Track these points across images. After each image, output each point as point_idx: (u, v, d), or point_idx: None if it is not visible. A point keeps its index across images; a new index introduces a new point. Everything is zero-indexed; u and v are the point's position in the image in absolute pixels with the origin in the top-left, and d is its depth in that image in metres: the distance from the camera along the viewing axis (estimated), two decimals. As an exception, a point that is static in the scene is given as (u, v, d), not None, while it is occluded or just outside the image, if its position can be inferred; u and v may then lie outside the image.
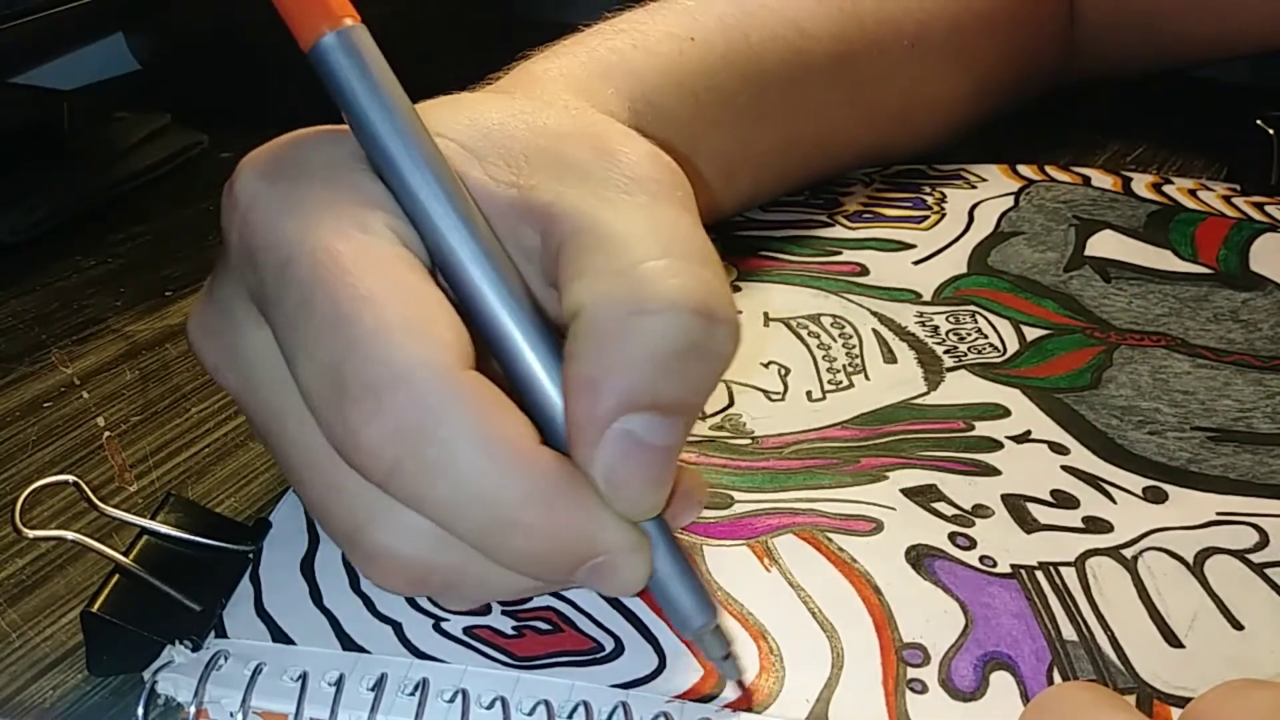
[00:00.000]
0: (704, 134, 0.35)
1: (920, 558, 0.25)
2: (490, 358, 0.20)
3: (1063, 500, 0.27)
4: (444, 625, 0.23)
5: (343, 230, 0.19)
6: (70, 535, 0.24)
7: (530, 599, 0.24)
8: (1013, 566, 0.25)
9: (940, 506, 0.27)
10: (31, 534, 0.23)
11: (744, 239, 0.40)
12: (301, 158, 0.21)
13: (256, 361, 0.21)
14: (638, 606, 0.24)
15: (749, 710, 0.21)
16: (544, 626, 0.23)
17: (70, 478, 0.25)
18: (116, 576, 0.23)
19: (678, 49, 0.34)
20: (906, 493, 0.27)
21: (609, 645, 0.23)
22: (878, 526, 0.26)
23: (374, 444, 0.18)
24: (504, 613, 0.24)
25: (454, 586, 0.21)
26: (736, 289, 0.36)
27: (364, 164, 0.21)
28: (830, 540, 0.26)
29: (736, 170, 0.37)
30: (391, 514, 0.19)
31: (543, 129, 0.23)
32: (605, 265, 0.19)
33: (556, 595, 0.24)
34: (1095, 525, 0.26)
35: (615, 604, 0.24)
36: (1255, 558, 0.25)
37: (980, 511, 0.26)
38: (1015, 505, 0.27)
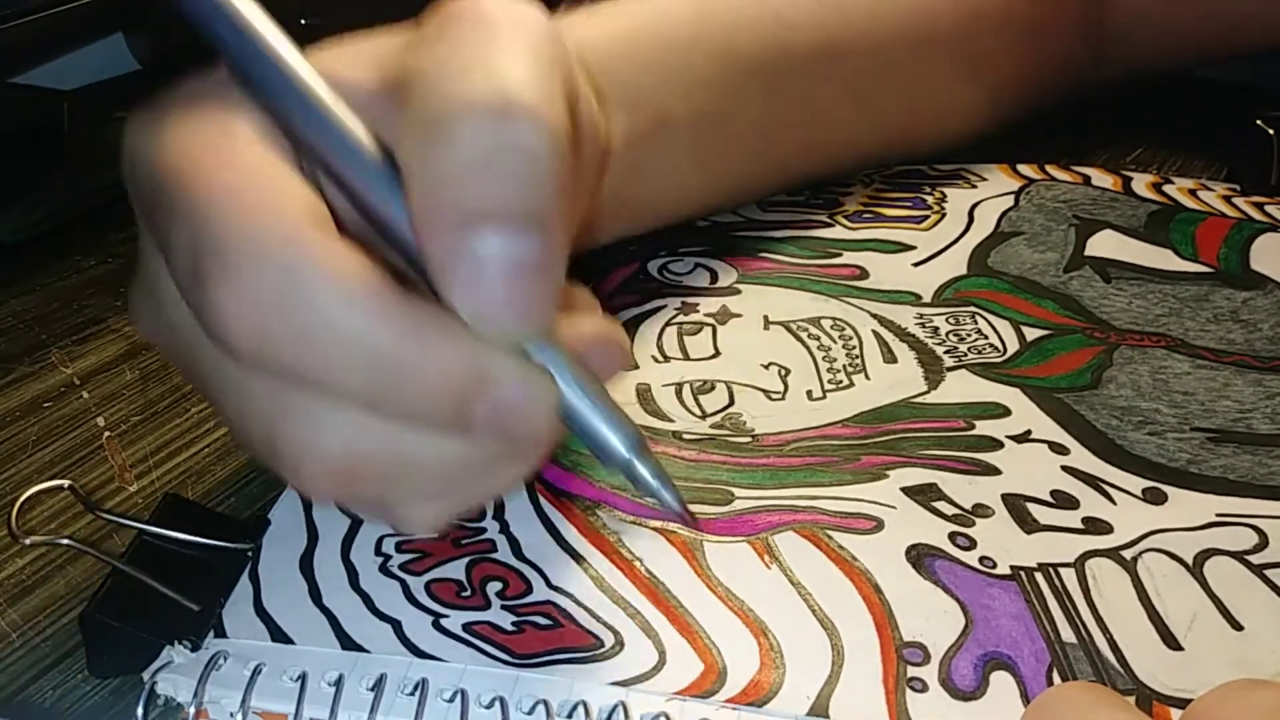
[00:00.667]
0: (672, 105, 0.34)
1: (920, 557, 0.25)
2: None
3: (1063, 501, 0.27)
4: (443, 622, 0.23)
5: (205, 139, 0.20)
6: (65, 540, 0.24)
7: (530, 594, 0.24)
8: (1012, 568, 0.25)
9: (941, 506, 0.27)
10: (28, 540, 0.23)
11: (744, 239, 0.40)
12: (170, 99, 0.21)
13: (168, 303, 0.21)
14: (638, 601, 0.24)
15: (750, 705, 0.21)
16: (543, 622, 0.23)
17: (66, 482, 0.25)
18: (115, 577, 0.23)
19: (638, 22, 0.34)
20: (907, 491, 0.27)
21: (609, 641, 0.23)
22: (878, 525, 0.26)
23: (238, 314, 0.18)
24: (504, 607, 0.24)
25: (388, 483, 0.20)
26: (736, 290, 0.36)
27: (228, 84, 0.21)
28: (831, 538, 0.26)
29: (710, 150, 0.37)
30: (300, 407, 0.19)
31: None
32: (417, 108, 0.20)
33: (556, 589, 0.24)
34: (1095, 526, 0.26)
35: (615, 598, 0.24)
36: (1255, 559, 0.25)
37: (980, 511, 0.26)
38: (1015, 505, 0.27)
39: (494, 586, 0.24)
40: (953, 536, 0.26)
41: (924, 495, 0.27)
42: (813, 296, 0.36)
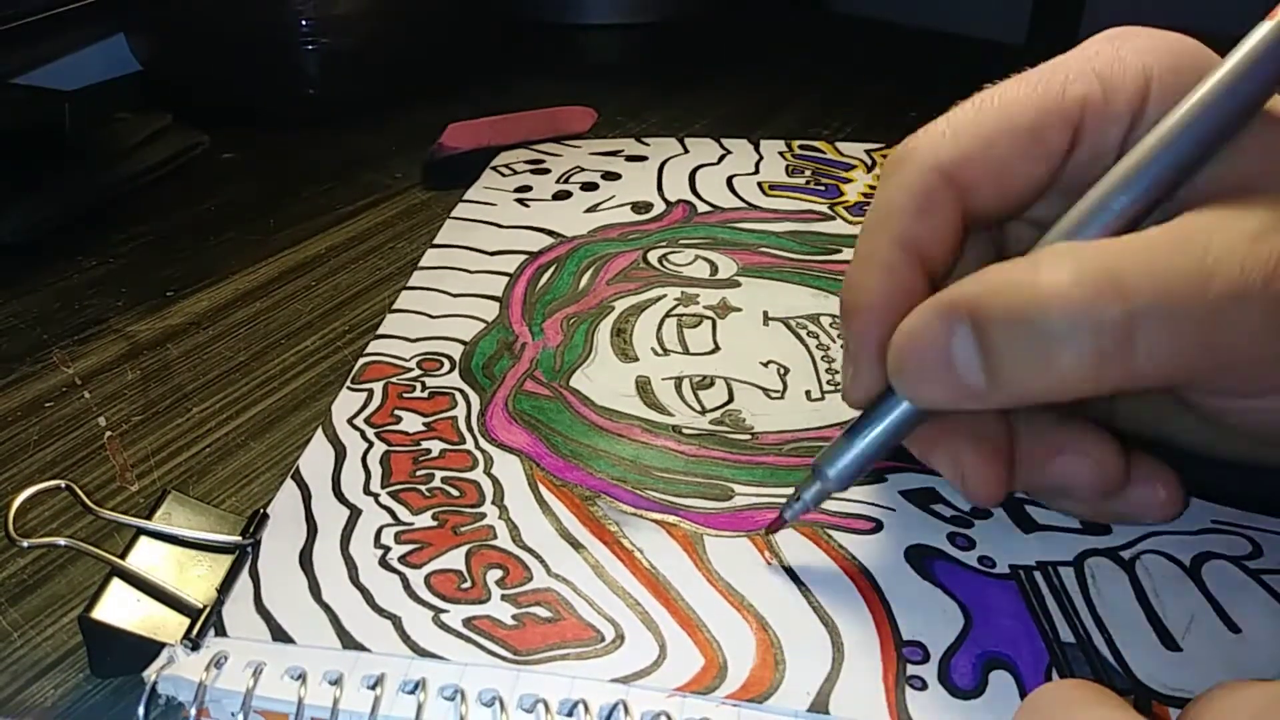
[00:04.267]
0: None
1: (920, 557, 0.25)
2: None
3: (1061, 500, 0.27)
4: (443, 618, 0.23)
5: None
6: (64, 541, 0.24)
7: (530, 581, 0.24)
8: (1011, 567, 0.25)
9: (939, 508, 0.27)
10: (26, 542, 0.23)
11: (743, 231, 0.40)
12: None
13: None
14: (639, 592, 0.24)
15: (750, 702, 0.21)
16: (544, 614, 0.23)
17: (63, 482, 0.25)
18: (115, 577, 0.23)
19: None
20: (905, 494, 0.27)
21: (609, 634, 0.23)
22: (877, 526, 0.26)
23: None
24: (504, 598, 0.24)
25: None
26: (736, 283, 0.37)
27: None
28: (831, 537, 0.26)
29: None
30: None
31: None
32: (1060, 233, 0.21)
33: (557, 577, 0.24)
34: (1093, 526, 0.26)
35: (616, 588, 0.24)
36: (1250, 565, 0.25)
37: (979, 513, 0.26)
38: (1014, 507, 0.27)
39: (494, 575, 0.24)
40: (951, 537, 0.26)
41: (922, 498, 0.27)
42: (813, 293, 0.36)
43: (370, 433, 0.29)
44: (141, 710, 0.21)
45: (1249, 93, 0.21)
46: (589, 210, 0.42)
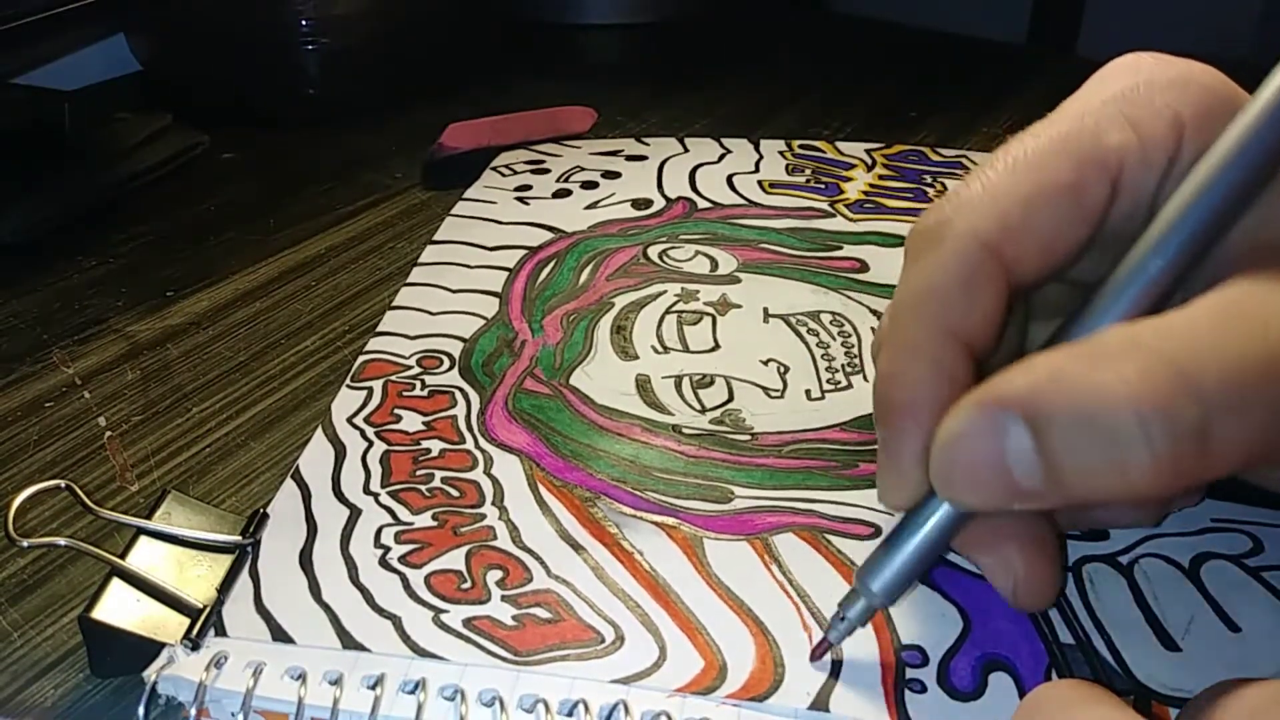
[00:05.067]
0: None
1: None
2: None
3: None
4: (443, 618, 0.23)
5: None
6: (64, 541, 0.24)
7: (530, 582, 0.24)
8: (1011, 567, 0.25)
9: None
10: (25, 542, 0.24)
11: (744, 227, 0.40)
12: None
13: None
14: (639, 594, 0.24)
15: (750, 702, 0.21)
16: (544, 615, 0.23)
17: (63, 482, 0.25)
18: (115, 578, 0.23)
19: None
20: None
21: (609, 635, 0.23)
22: (876, 531, 0.26)
23: None
24: (504, 598, 0.24)
25: None
26: (737, 279, 0.37)
27: None
28: (829, 542, 0.26)
29: None
30: None
31: None
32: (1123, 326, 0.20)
33: (557, 579, 0.24)
34: (1091, 533, 0.26)
35: (616, 590, 0.24)
36: (1250, 562, 0.25)
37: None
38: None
39: (494, 575, 0.24)
40: (941, 557, 0.26)
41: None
42: (813, 289, 0.36)
43: (370, 432, 0.29)
44: (141, 710, 0.21)
45: (1273, 143, 0.20)
46: (589, 207, 0.42)
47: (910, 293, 0.22)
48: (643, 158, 0.46)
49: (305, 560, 0.25)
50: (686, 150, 0.47)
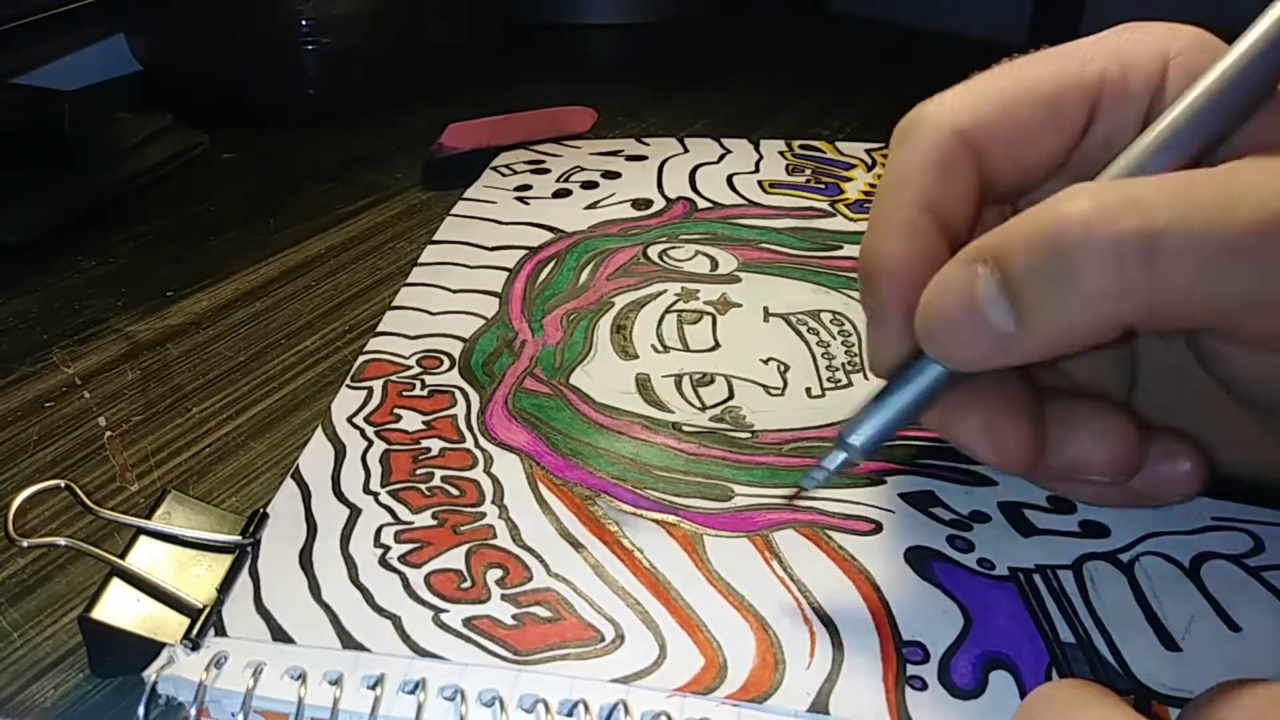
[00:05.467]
0: None
1: (919, 559, 0.25)
2: None
3: (1059, 505, 0.27)
4: (443, 618, 0.23)
5: None
6: (64, 541, 0.24)
7: (530, 581, 0.24)
8: (1010, 569, 0.25)
9: (938, 511, 0.27)
10: (25, 542, 0.23)
11: (744, 227, 0.40)
12: None
13: None
14: (639, 592, 0.24)
15: (750, 702, 0.21)
16: (544, 614, 0.23)
17: (62, 482, 0.25)
18: (115, 578, 0.23)
19: None
20: (904, 497, 0.27)
21: (609, 634, 0.23)
22: (877, 527, 0.26)
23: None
24: (504, 597, 0.24)
25: None
26: (737, 279, 0.37)
27: None
28: (830, 538, 0.26)
29: None
30: None
31: None
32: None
33: (557, 577, 0.24)
34: (1092, 530, 0.26)
35: (616, 588, 0.24)
36: (1251, 562, 0.25)
37: (978, 517, 0.26)
38: (1012, 511, 0.27)
39: (494, 574, 0.24)
40: (951, 540, 0.26)
41: (922, 501, 0.27)
42: (813, 288, 0.36)
43: (370, 431, 0.29)
44: (141, 710, 0.21)
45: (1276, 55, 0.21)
46: (589, 207, 0.42)
47: (889, 176, 0.24)
48: (643, 158, 0.46)
49: (305, 560, 0.25)
50: (686, 150, 0.47)
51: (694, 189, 0.43)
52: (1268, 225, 0.18)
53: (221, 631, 0.23)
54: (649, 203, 0.42)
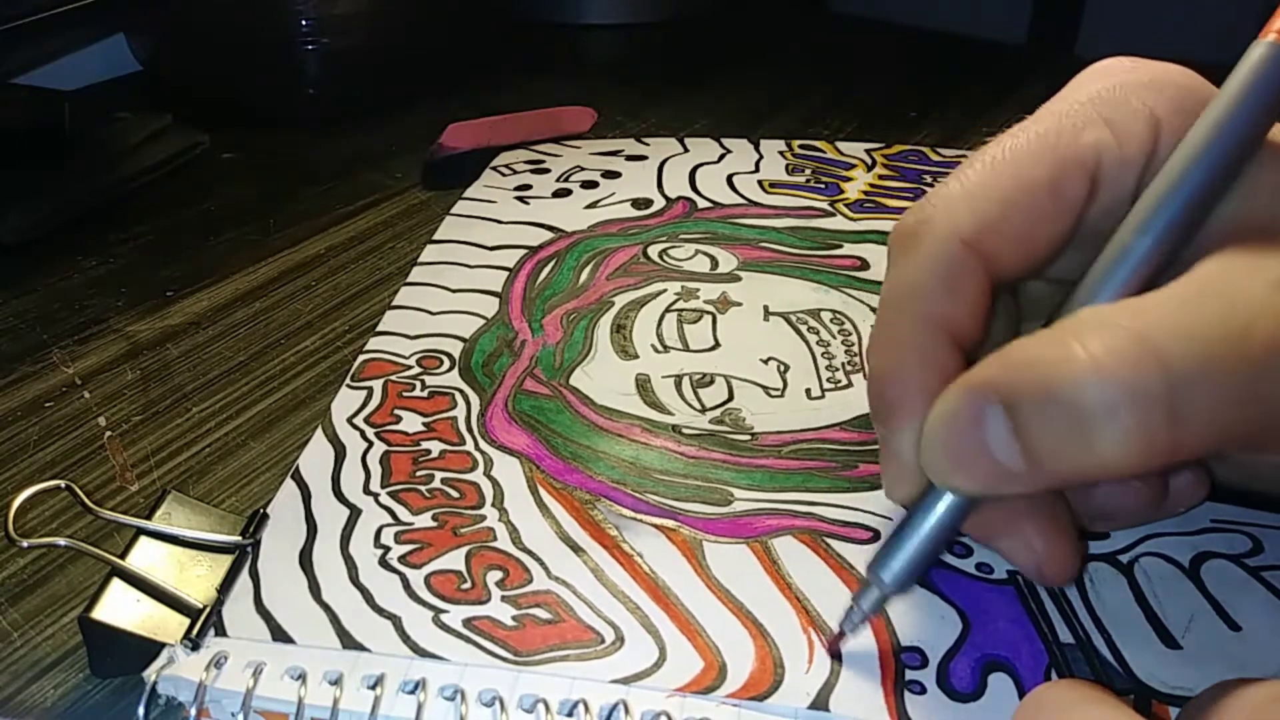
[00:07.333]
0: None
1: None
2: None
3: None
4: (443, 618, 0.23)
5: None
6: (64, 541, 0.24)
7: (530, 583, 0.24)
8: (1009, 573, 0.25)
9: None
10: (25, 542, 0.24)
11: (744, 226, 0.40)
12: None
13: None
14: (638, 596, 0.24)
15: (750, 701, 0.21)
16: (544, 615, 0.23)
17: (62, 482, 0.25)
18: (115, 578, 0.23)
19: None
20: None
21: (609, 636, 0.23)
22: (875, 535, 0.26)
23: None
24: (504, 599, 0.24)
25: None
26: (737, 278, 0.37)
27: None
28: (829, 546, 0.26)
29: None
30: None
31: None
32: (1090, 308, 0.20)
33: (557, 580, 0.24)
34: (1092, 532, 0.26)
35: (616, 592, 0.24)
36: (1250, 561, 0.25)
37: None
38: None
39: (494, 576, 0.24)
40: (949, 545, 0.26)
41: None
42: (814, 287, 0.36)
43: (370, 432, 0.29)
44: (141, 710, 0.21)
45: (1252, 118, 0.20)
46: (589, 206, 0.42)
47: (895, 291, 0.23)
48: (643, 158, 0.46)
49: (305, 560, 0.25)
50: (686, 150, 0.47)
51: (694, 189, 0.43)
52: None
53: (221, 631, 0.23)
54: (649, 202, 0.42)
